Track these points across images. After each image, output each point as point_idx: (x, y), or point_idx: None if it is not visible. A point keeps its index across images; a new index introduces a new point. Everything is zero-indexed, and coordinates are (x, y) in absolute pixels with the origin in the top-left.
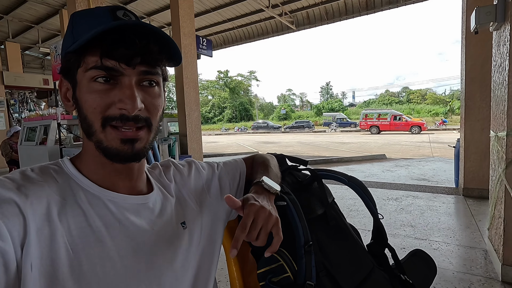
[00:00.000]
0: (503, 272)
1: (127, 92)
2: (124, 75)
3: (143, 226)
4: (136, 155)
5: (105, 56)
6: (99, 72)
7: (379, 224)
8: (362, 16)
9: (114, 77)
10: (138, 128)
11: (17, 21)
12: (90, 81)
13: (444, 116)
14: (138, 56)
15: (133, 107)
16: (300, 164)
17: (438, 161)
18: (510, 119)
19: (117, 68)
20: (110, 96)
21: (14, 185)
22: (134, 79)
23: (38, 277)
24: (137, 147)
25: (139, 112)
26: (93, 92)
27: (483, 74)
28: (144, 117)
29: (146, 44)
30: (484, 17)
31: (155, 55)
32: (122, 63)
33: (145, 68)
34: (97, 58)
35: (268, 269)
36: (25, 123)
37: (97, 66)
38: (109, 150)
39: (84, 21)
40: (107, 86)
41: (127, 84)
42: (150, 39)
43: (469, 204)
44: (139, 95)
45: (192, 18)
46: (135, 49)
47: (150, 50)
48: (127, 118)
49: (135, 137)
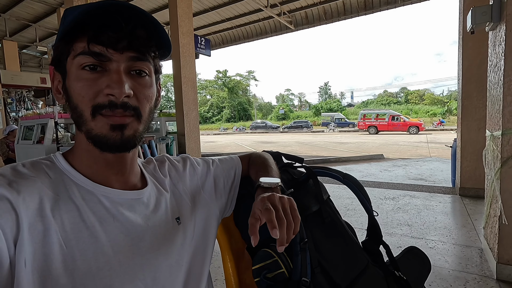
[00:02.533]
0: (498, 270)
1: (114, 77)
2: (112, 61)
3: (138, 221)
4: (125, 143)
5: (92, 41)
6: (86, 58)
7: (374, 222)
8: (361, 16)
9: (103, 64)
10: (126, 115)
11: (15, 19)
12: (79, 69)
13: (442, 117)
14: (125, 39)
15: (121, 91)
16: (296, 162)
17: (436, 161)
18: (505, 119)
19: (104, 53)
20: (98, 83)
21: (5, 181)
22: (123, 65)
23: (31, 273)
24: (126, 134)
25: (128, 99)
26: (81, 80)
27: (479, 74)
28: (133, 106)
29: (133, 27)
30: (480, 17)
31: (143, 40)
32: (109, 48)
33: (134, 54)
34: (84, 44)
35: (262, 265)
36: (22, 122)
37: (84, 52)
38: (98, 138)
39: (73, 12)
40: (95, 74)
41: (114, 69)
42: (137, 22)
43: (465, 203)
44: (128, 82)
45: (190, 17)
46: (121, 32)
47: (137, 34)
48: (116, 105)
49: (123, 122)
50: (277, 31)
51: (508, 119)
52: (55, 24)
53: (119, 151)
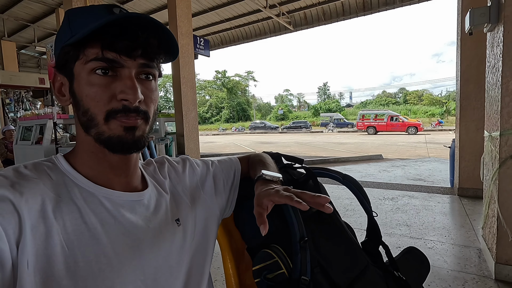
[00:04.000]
0: (496, 270)
1: (128, 83)
2: (124, 67)
3: (139, 222)
4: (136, 142)
5: (106, 48)
6: (100, 63)
7: (374, 222)
8: (359, 17)
9: (114, 69)
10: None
11: (13, 20)
12: (90, 74)
13: (441, 117)
14: (140, 48)
15: (135, 97)
16: (296, 163)
17: (434, 161)
18: (503, 119)
19: (118, 60)
20: (111, 88)
21: (8, 183)
22: (134, 71)
23: (33, 274)
24: (137, 134)
25: (139, 104)
26: (94, 85)
27: (478, 75)
28: (144, 110)
29: (147, 36)
30: (478, 18)
31: (155, 48)
32: (123, 55)
33: (144, 61)
34: (97, 50)
35: (263, 266)
36: (20, 122)
37: (98, 58)
38: (111, 140)
39: (81, 16)
40: (107, 79)
41: (127, 75)
42: (150, 32)
43: (464, 203)
44: (139, 87)
45: (189, 18)
46: (137, 41)
47: (150, 43)
48: (129, 109)
49: (135, 124)
50: (276, 31)
51: (506, 120)
52: (53, 24)
53: (129, 152)
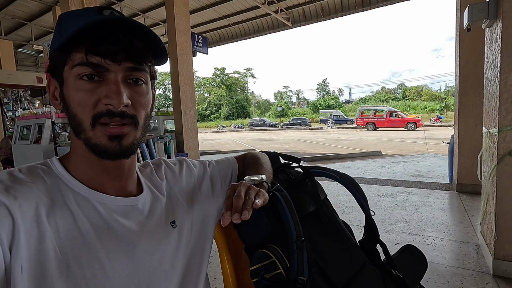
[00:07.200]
0: (494, 266)
1: (113, 88)
2: (110, 71)
3: (132, 228)
4: (124, 151)
5: (90, 52)
6: (84, 68)
7: (371, 221)
8: (358, 13)
9: (100, 74)
10: (124, 124)
11: (10, 18)
12: (76, 79)
13: (440, 113)
14: (123, 51)
15: (119, 102)
16: (293, 162)
17: (433, 157)
18: (502, 116)
19: (102, 64)
20: (97, 93)
21: (2, 187)
22: (120, 75)
23: (27, 279)
24: (124, 143)
25: (126, 109)
26: (80, 90)
27: (476, 71)
28: (131, 114)
29: (131, 39)
30: (477, 14)
31: (140, 51)
32: (107, 59)
33: (131, 64)
34: (82, 54)
35: (260, 266)
36: (19, 121)
37: (82, 62)
38: (97, 147)
39: (71, 19)
40: (93, 84)
41: (113, 79)
42: (135, 35)
43: (462, 199)
44: (126, 91)
45: (187, 15)
46: (120, 44)
47: (134, 46)
48: (113, 113)
49: (121, 133)
50: (275, 28)
51: (505, 116)
52: (50, 22)
53: (118, 158)
